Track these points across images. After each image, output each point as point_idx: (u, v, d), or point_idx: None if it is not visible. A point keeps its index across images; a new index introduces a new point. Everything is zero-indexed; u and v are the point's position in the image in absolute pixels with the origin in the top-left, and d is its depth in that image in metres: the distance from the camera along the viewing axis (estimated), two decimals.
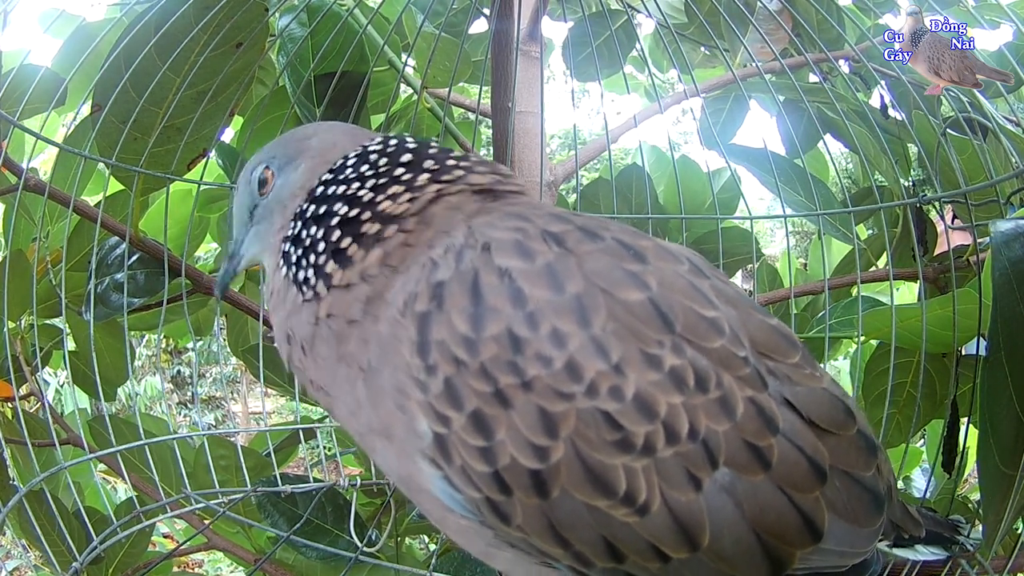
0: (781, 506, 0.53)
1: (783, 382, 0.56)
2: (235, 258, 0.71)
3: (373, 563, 1.18)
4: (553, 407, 0.49)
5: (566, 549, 0.51)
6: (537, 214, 0.57)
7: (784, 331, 0.58)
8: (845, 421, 0.57)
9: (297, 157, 0.65)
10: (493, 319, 0.50)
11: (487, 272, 0.52)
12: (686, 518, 0.51)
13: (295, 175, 0.64)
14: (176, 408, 5.98)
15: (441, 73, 1.39)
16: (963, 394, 1.16)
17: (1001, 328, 0.79)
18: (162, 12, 0.99)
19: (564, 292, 0.51)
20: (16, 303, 1.18)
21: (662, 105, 1.38)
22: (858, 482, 0.57)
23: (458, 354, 0.50)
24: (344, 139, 0.66)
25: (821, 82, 1.41)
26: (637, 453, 0.50)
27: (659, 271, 0.54)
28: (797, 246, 5.42)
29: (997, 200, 1.06)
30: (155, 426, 1.42)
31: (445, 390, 0.50)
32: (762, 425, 0.53)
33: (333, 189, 0.61)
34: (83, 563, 0.93)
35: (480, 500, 0.52)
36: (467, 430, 0.50)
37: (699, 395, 0.51)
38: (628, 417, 0.49)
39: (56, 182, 1.21)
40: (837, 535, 0.55)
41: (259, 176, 0.66)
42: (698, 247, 1.52)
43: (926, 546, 0.69)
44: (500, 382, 0.49)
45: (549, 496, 0.50)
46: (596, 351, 0.50)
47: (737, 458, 0.52)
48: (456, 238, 0.55)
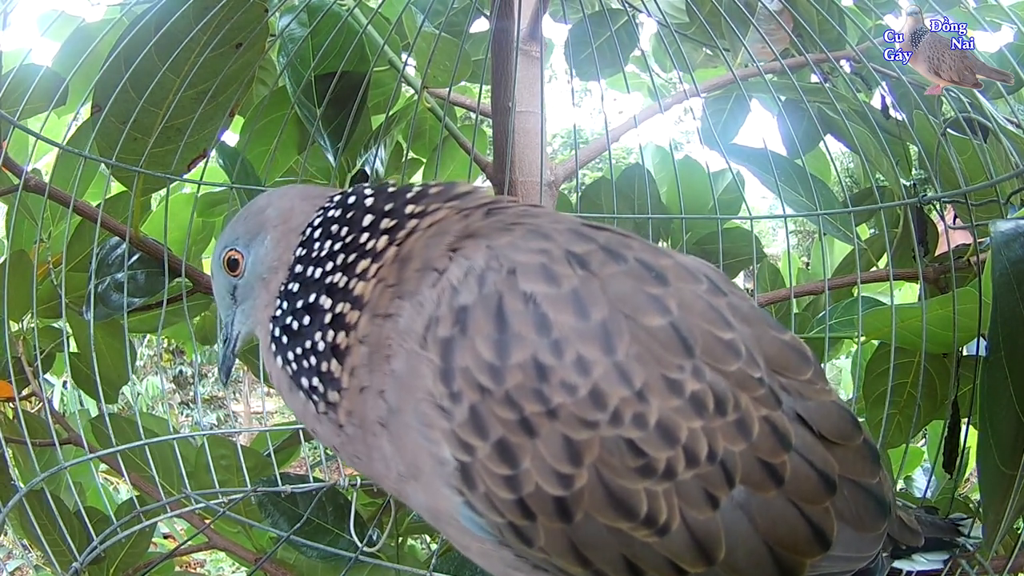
0: (792, 518, 0.54)
1: (795, 398, 0.57)
2: (229, 342, 0.71)
3: (373, 563, 1.18)
4: (578, 435, 0.49)
5: (587, 568, 0.52)
6: (557, 230, 0.56)
7: (797, 346, 0.59)
8: (852, 432, 0.59)
9: (260, 231, 0.65)
10: (518, 346, 0.50)
11: (512, 297, 0.51)
12: (703, 535, 0.52)
13: (263, 249, 0.65)
14: (178, 408, 5.99)
15: (441, 73, 1.39)
16: (963, 394, 1.16)
17: (1001, 328, 0.79)
18: (162, 12, 0.99)
19: (589, 318, 0.50)
20: (18, 304, 1.19)
21: (663, 105, 1.38)
22: (865, 489, 0.59)
23: (483, 381, 0.50)
24: (300, 203, 0.65)
25: (822, 82, 1.41)
26: (659, 477, 0.51)
27: (679, 293, 0.54)
28: (799, 245, 5.42)
29: (997, 200, 1.06)
30: (156, 426, 1.42)
31: (470, 418, 0.50)
32: (776, 443, 0.54)
33: (312, 271, 0.61)
34: (83, 563, 0.93)
35: (503, 525, 0.52)
36: (492, 459, 0.50)
37: (718, 418, 0.52)
38: (651, 444, 0.50)
39: (57, 183, 1.21)
40: (845, 542, 0.57)
41: (227, 259, 0.66)
42: (700, 247, 1.52)
43: (925, 554, 0.70)
44: (526, 410, 0.49)
45: (572, 520, 0.50)
46: (620, 378, 0.50)
47: (752, 476, 0.53)
48: (476, 260, 0.53)
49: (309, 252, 0.62)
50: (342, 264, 0.60)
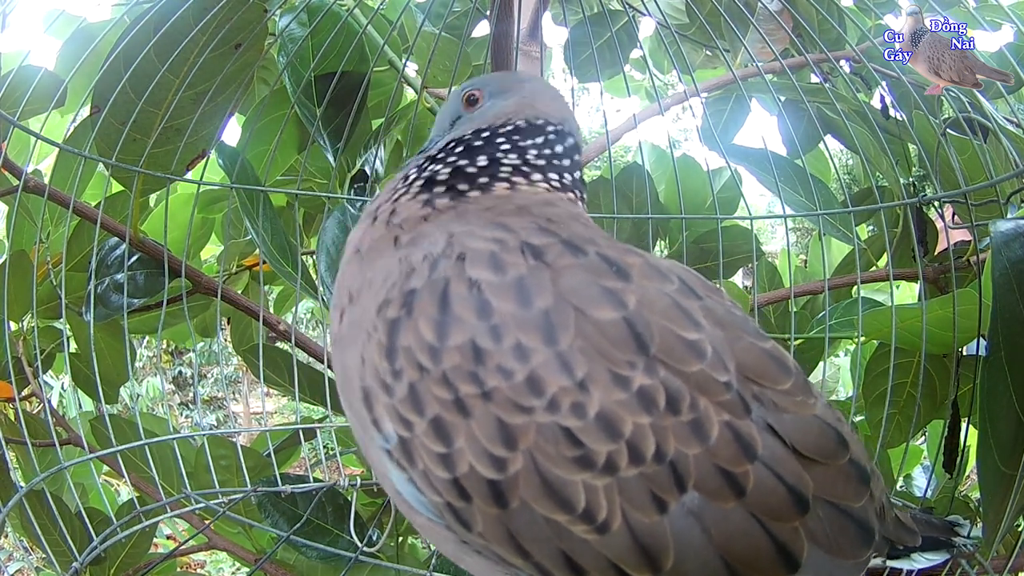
0: (754, 534, 0.51)
1: (769, 408, 0.54)
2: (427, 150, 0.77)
3: (373, 563, 1.18)
4: (512, 419, 0.49)
5: (526, 560, 0.51)
6: (524, 225, 0.58)
7: (777, 355, 0.57)
8: (836, 450, 0.56)
9: (509, 91, 0.73)
10: (458, 329, 0.51)
11: (457, 282, 0.53)
12: (648, 540, 0.50)
13: (504, 103, 0.72)
14: (178, 409, 5.99)
15: (441, 73, 1.39)
16: (963, 394, 1.16)
17: (1001, 328, 0.79)
18: (161, 13, 0.99)
19: (531, 307, 0.51)
20: (17, 304, 1.19)
21: (662, 106, 1.38)
22: (845, 513, 0.55)
23: (422, 360, 0.51)
24: (544, 100, 0.72)
25: (821, 82, 1.41)
26: (598, 471, 0.49)
27: (641, 290, 0.53)
28: (798, 242, 5.41)
29: (997, 200, 1.06)
30: (156, 426, 1.42)
31: (409, 395, 0.52)
32: (738, 451, 0.51)
33: (516, 140, 0.69)
34: (83, 563, 0.93)
35: (442, 505, 0.52)
36: (428, 435, 0.51)
37: (669, 417, 0.50)
38: (589, 435, 0.49)
39: (56, 183, 1.21)
40: (817, 566, 0.53)
41: (469, 95, 0.74)
42: (698, 246, 1.52)
43: (922, 553, 0.68)
44: (460, 391, 0.50)
45: (508, 506, 0.50)
46: (560, 367, 0.50)
47: (708, 483, 0.51)
48: (437, 245, 0.56)
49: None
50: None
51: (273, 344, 1.72)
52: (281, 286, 1.86)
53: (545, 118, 0.70)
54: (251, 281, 1.63)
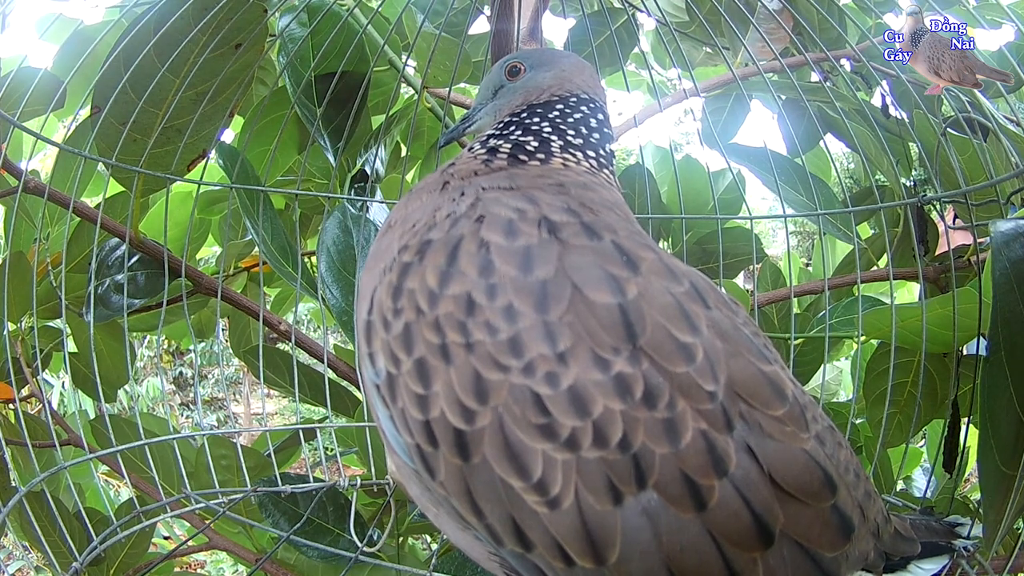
0: (707, 553, 0.49)
1: (754, 431, 0.52)
2: (468, 120, 0.84)
3: (374, 563, 1.18)
4: (488, 374, 0.51)
5: (480, 519, 0.52)
6: (552, 202, 0.60)
7: (775, 380, 0.54)
8: (819, 491, 0.53)
9: (549, 64, 0.79)
10: (458, 280, 0.54)
11: (470, 240, 0.56)
12: (597, 528, 0.49)
13: (545, 75, 0.78)
14: (178, 409, 5.99)
15: (441, 73, 1.39)
16: (963, 394, 1.16)
17: (1001, 328, 0.79)
18: (161, 13, 0.99)
19: (531, 274, 0.53)
20: (16, 305, 1.19)
21: (662, 104, 1.38)
22: (813, 560, 0.52)
23: (420, 303, 0.54)
24: (582, 77, 0.79)
25: (822, 82, 1.41)
26: (560, 444, 0.49)
27: (646, 283, 0.53)
28: (799, 246, 5.42)
29: (997, 200, 1.06)
30: (156, 426, 1.42)
31: (403, 333, 0.55)
32: (708, 463, 0.50)
33: (554, 116, 0.75)
34: (83, 563, 0.93)
35: (413, 446, 0.54)
36: (411, 375, 0.53)
37: (643, 410, 0.50)
38: (558, 406, 0.50)
39: (56, 184, 1.21)
40: None
41: (512, 66, 0.80)
42: (700, 247, 1.52)
43: (920, 561, 0.68)
44: (447, 337, 0.52)
45: (470, 460, 0.51)
46: (544, 336, 0.51)
47: (669, 487, 0.49)
48: (462, 205, 0.60)
49: (563, 111, 0.76)
50: (561, 146, 0.73)
51: (274, 344, 1.72)
52: (279, 288, 1.86)
53: (582, 91, 0.77)
54: (248, 283, 1.63)
